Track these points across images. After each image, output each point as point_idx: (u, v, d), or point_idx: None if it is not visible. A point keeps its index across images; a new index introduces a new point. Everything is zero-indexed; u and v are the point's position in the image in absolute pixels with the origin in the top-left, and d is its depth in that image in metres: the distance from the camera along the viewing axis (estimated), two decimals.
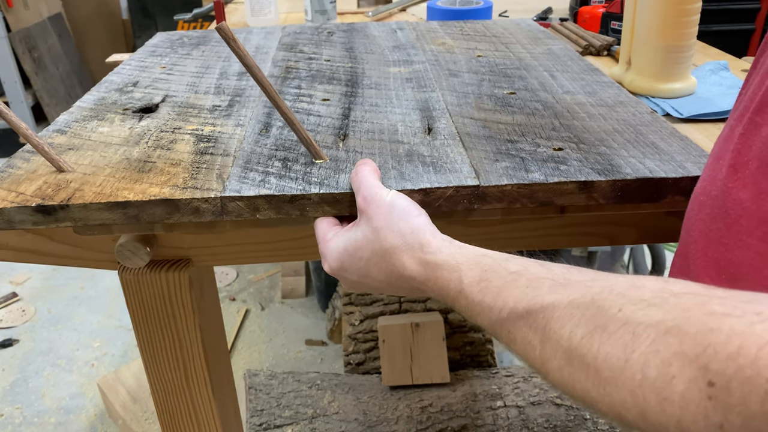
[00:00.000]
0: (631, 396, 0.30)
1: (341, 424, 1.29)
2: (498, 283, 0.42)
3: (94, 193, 0.58)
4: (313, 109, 0.77)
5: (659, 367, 0.29)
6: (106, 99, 0.83)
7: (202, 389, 0.73)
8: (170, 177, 0.60)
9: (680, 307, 0.30)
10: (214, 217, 0.58)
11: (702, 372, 0.27)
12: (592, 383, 0.32)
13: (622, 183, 0.58)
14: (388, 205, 0.51)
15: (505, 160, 0.62)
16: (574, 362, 0.34)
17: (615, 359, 0.31)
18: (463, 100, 0.79)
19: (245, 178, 0.60)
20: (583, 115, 0.73)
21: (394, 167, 0.61)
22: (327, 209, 0.58)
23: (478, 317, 0.43)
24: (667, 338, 0.29)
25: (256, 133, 0.70)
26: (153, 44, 1.10)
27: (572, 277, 0.39)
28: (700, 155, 0.63)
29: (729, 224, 0.41)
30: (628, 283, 0.35)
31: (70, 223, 0.57)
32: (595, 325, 0.33)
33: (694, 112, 0.79)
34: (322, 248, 0.56)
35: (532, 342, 0.38)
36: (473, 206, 0.59)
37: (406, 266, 0.49)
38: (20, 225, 0.57)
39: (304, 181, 0.59)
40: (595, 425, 1.29)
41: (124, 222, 0.57)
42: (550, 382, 0.37)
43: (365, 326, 1.47)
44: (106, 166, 0.63)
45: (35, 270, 2.23)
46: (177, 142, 0.68)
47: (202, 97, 0.82)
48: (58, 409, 1.64)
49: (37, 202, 0.56)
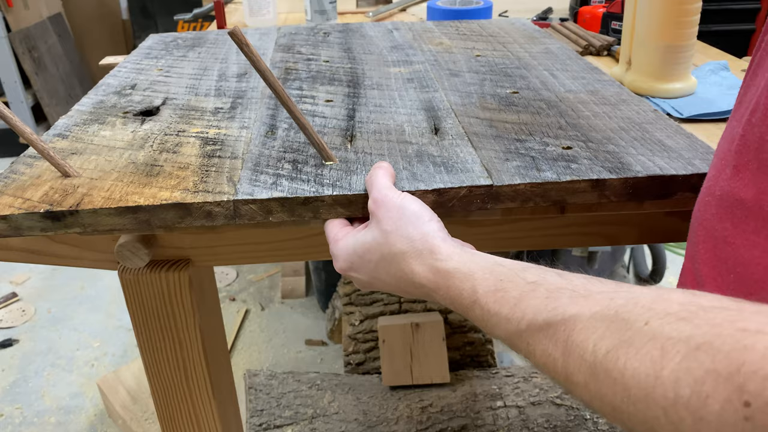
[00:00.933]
0: (665, 414, 0.29)
1: (341, 424, 1.29)
2: (515, 293, 0.41)
3: (103, 198, 0.57)
4: (318, 110, 0.77)
5: (692, 386, 0.28)
6: (105, 102, 0.82)
7: (202, 389, 0.73)
8: (180, 180, 0.60)
9: (710, 322, 0.29)
10: (227, 220, 0.57)
11: (738, 392, 0.26)
12: (620, 399, 0.32)
13: (634, 181, 0.58)
14: (398, 209, 0.51)
15: (515, 159, 0.62)
16: (599, 377, 0.33)
17: (644, 375, 0.30)
18: (467, 100, 0.79)
19: (256, 181, 0.59)
20: (587, 114, 0.73)
21: (405, 168, 0.61)
22: (340, 211, 0.58)
23: (494, 328, 0.42)
24: (698, 354, 0.28)
25: (262, 135, 0.70)
26: (147, 46, 1.09)
27: (593, 288, 0.38)
28: (707, 152, 0.63)
29: (735, 223, 0.41)
30: (654, 295, 0.34)
31: (79, 229, 0.56)
32: (621, 339, 0.32)
33: (695, 112, 0.79)
34: (333, 248, 0.56)
35: (552, 355, 0.37)
36: (486, 206, 0.59)
37: (416, 272, 0.48)
38: (28, 232, 0.56)
39: (316, 183, 0.59)
40: (595, 425, 1.29)
41: (135, 227, 0.57)
42: (575, 397, 0.36)
43: (365, 326, 1.47)
44: (112, 171, 0.62)
45: (35, 270, 2.23)
46: (182, 145, 0.68)
47: (203, 100, 0.82)
48: (58, 409, 1.64)
49: (45, 208, 0.55)
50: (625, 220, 0.69)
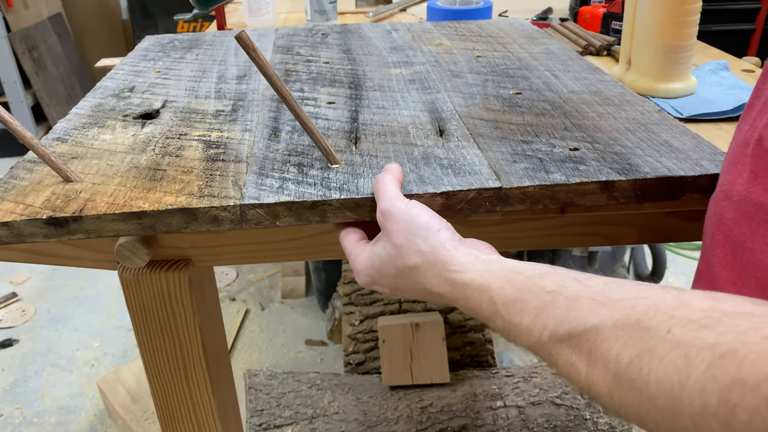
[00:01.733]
0: (693, 424, 0.29)
1: (341, 424, 1.29)
2: (535, 303, 0.41)
3: (107, 203, 0.56)
4: (320, 112, 0.77)
5: (719, 395, 0.28)
6: (103, 105, 0.81)
7: (202, 389, 0.73)
8: (184, 185, 0.59)
9: (735, 329, 0.29)
10: (233, 225, 0.56)
11: (765, 402, 0.26)
12: (646, 409, 0.32)
13: (643, 182, 0.58)
14: (406, 221, 0.50)
15: (523, 161, 0.62)
16: (623, 386, 0.33)
17: (669, 385, 0.30)
18: (470, 101, 0.79)
19: (262, 185, 0.58)
20: (592, 115, 0.73)
21: (412, 170, 0.61)
22: (348, 214, 0.57)
23: (516, 338, 0.42)
24: (724, 363, 0.28)
25: (265, 138, 0.69)
26: (144, 48, 1.08)
27: (613, 295, 0.37)
28: (713, 153, 0.63)
29: (754, 228, 0.41)
30: (675, 301, 0.33)
31: (83, 235, 0.55)
32: (643, 348, 0.32)
33: (695, 112, 0.79)
34: (353, 263, 0.56)
35: (576, 365, 0.37)
36: (495, 208, 0.58)
37: (432, 284, 0.48)
38: (30, 238, 0.55)
39: (323, 187, 0.58)
40: (595, 425, 1.29)
41: (140, 232, 0.56)
42: (600, 405, 0.36)
43: (365, 326, 1.47)
44: (114, 175, 0.62)
45: (35, 270, 2.23)
46: (185, 148, 0.67)
47: (204, 102, 0.81)
48: (58, 409, 1.64)
49: (48, 214, 0.54)
50: (625, 220, 0.69)
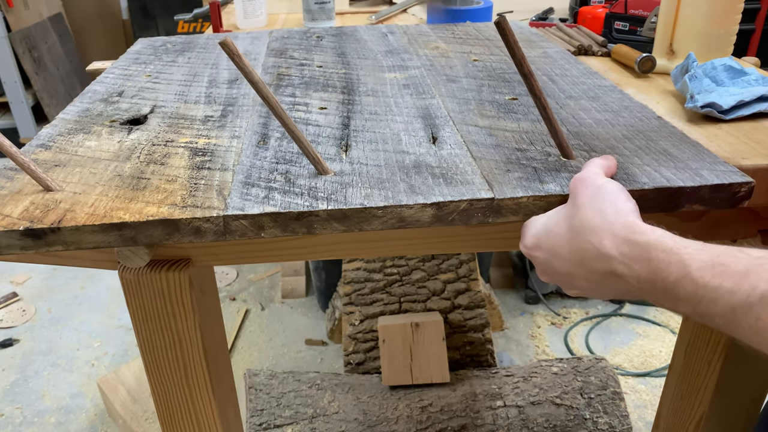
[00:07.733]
0: None
1: (341, 423, 1.29)
2: (739, 267, 0.41)
3: (87, 213, 0.55)
4: (311, 118, 0.75)
5: None
6: (90, 110, 0.80)
7: (202, 389, 0.73)
8: (167, 195, 0.58)
9: None
10: (216, 237, 0.55)
11: None
12: None
13: (640, 193, 0.57)
14: (596, 187, 0.51)
15: (516, 170, 0.60)
16: None
17: None
18: (465, 107, 0.77)
19: (248, 195, 0.57)
20: (589, 122, 0.72)
21: (403, 179, 0.59)
22: (336, 225, 0.56)
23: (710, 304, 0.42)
24: None
25: (253, 145, 0.68)
26: (135, 51, 1.07)
27: None
28: (714, 161, 0.61)
29: None
30: None
31: (61, 246, 0.54)
32: None
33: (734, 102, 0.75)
34: (525, 227, 0.56)
35: None
36: (488, 219, 0.57)
37: (605, 244, 0.47)
38: (6, 251, 0.54)
39: (310, 197, 0.56)
40: (594, 425, 1.29)
41: (120, 244, 0.55)
42: None
43: (365, 326, 1.47)
44: (96, 184, 0.60)
45: (35, 270, 2.23)
46: (171, 156, 0.66)
47: (193, 107, 0.80)
48: (58, 409, 1.64)
49: (25, 225, 0.53)
50: None
